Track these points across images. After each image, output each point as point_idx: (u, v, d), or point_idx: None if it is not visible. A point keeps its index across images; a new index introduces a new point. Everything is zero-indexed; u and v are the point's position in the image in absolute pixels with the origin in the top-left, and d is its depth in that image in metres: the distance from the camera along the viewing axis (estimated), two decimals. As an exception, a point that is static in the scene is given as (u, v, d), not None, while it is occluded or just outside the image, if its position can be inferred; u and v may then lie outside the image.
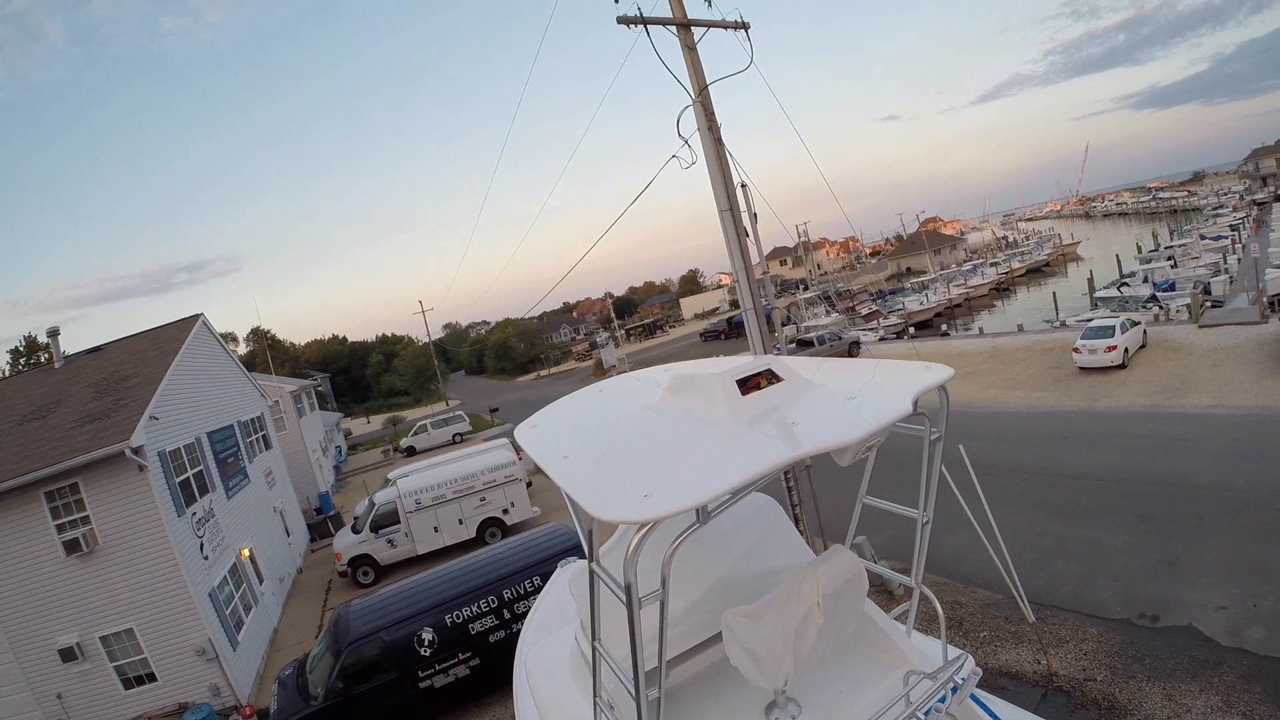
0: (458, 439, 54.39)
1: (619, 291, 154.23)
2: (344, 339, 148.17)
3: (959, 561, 15.06)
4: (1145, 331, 34.14)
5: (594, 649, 5.18)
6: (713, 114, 15.13)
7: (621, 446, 5.31)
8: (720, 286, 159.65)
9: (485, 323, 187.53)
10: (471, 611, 13.36)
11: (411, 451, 53.59)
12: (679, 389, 5.62)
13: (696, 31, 15.29)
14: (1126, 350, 31.25)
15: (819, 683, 5.75)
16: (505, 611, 13.50)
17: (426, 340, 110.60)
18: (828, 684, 5.76)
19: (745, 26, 15.79)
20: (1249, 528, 14.67)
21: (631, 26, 14.29)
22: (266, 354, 71.60)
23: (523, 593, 13.62)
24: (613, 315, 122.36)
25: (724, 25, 15.65)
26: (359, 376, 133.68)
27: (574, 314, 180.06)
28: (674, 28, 15.02)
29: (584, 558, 11.75)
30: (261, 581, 21.99)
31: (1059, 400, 28.69)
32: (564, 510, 25.81)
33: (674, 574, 4.41)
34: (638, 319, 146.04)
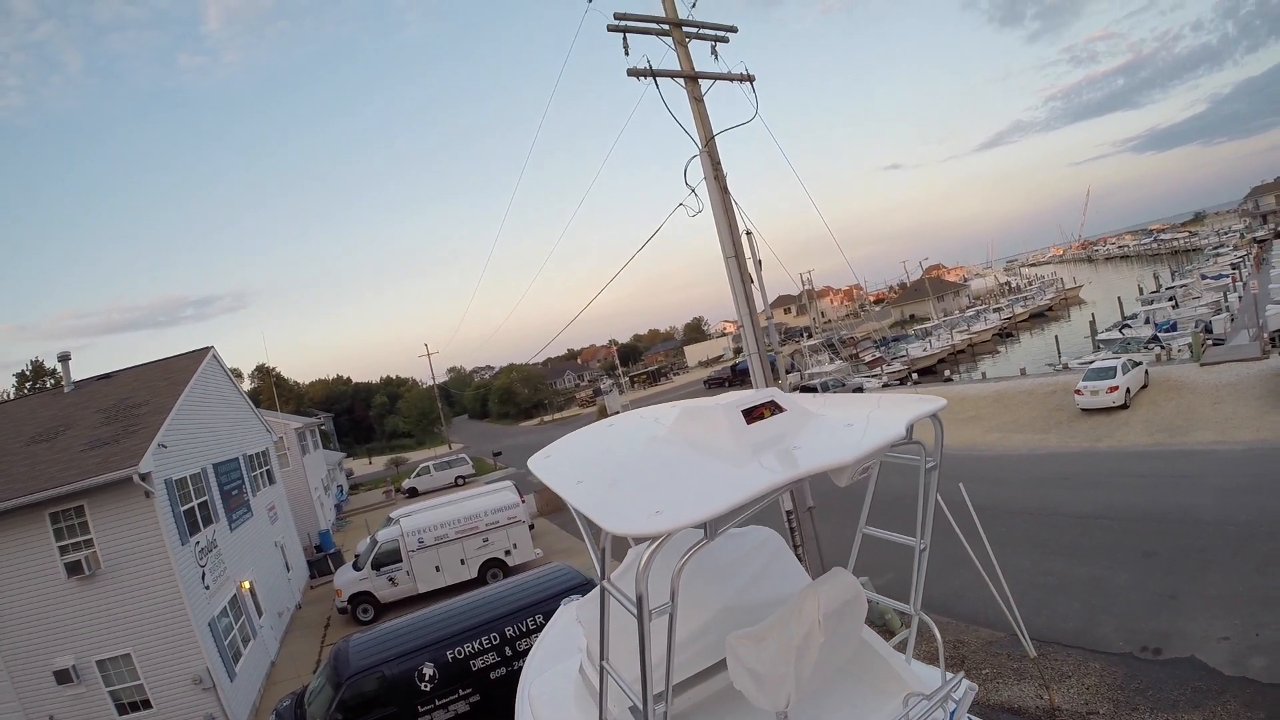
0: (460, 482, 54.63)
1: (623, 338, 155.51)
2: (348, 379, 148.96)
3: (961, 601, 15.11)
4: (1147, 372, 34.37)
5: (601, 668, 5.35)
6: (719, 163, 15.63)
7: (632, 472, 5.69)
8: (725, 334, 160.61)
9: (489, 367, 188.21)
10: (473, 648, 13.41)
11: (414, 493, 53.85)
12: (687, 420, 6.04)
13: (703, 84, 15.88)
14: (1128, 390, 31.45)
15: (821, 708, 5.93)
16: (507, 649, 13.55)
17: (431, 383, 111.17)
18: (830, 710, 5.94)
19: (750, 79, 16.36)
20: (1251, 560, 14.77)
21: (641, 79, 14.85)
22: (273, 391, 71.87)
23: (525, 630, 13.67)
24: (617, 362, 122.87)
25: (730, 78, 16.23)
26: (362, 417, 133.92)
27: (578, 360, 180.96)
28: (682, 80, 15.59)
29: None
30: (261, 614, 22.03)
31: (1062, 442, 28.80)
32: (567, 553, 25.86)
33: (681, 602, 4.68)
34: (642, 366, 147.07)
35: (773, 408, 5.59)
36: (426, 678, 13.08)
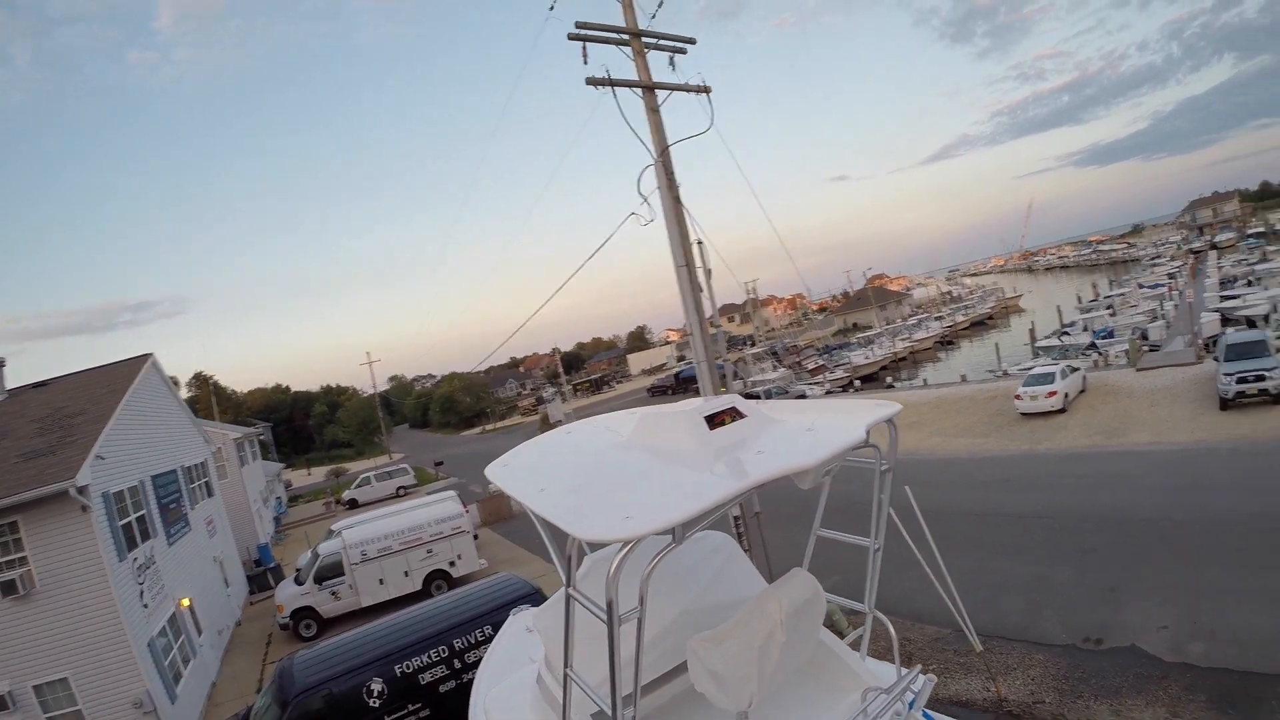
0: (402, 492, 54.09)
1: (566, 347, 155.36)
2: (287, 388, 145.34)
3: (907, 601, 15.37)
4: (1085, 377, 35.41)
5: (566, 676, 5.34)
6: (673, 173, 15.78)
7: (596, 478, 5.73)
8: (668, 343, 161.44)
9: (430, 376, 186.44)
10: (422, 662, 13.24)
11: (354, 504, 53.02)
12: (648, 427, 6.10)
13: (660, 94, 16.03)
14: (1067, 395, 32.33)
15: (780, 708, 6.03)
16: (456, 661, 13.40)
17: (372, 392, 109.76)
18: (789, 709, 6.05)
19: (707, 90, 16.55)
20: (1187, 554, 15.33)
21: (599, 88, 14.97)
22: (211, 399, 70.26)
23: (473, 642, 13.54)
24: (560, 370, 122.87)
25: (687, 89, 16.40)
26: (301, 426, 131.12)
27: (520, 369, 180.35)
28: (639, 90, 15.73)
29: (536, 606, 11.95)
30: (200, 633, 21.43)
31: (1002, 445, 29.47)
32: (511, 562, 25.71)
33: (591, 611, 4.78)
34: (585, 374, 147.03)
35: (734, 413, 5.70)
36: (375, 694, 12.89)
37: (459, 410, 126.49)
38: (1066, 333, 57.54)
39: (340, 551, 23.93)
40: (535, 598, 14.03)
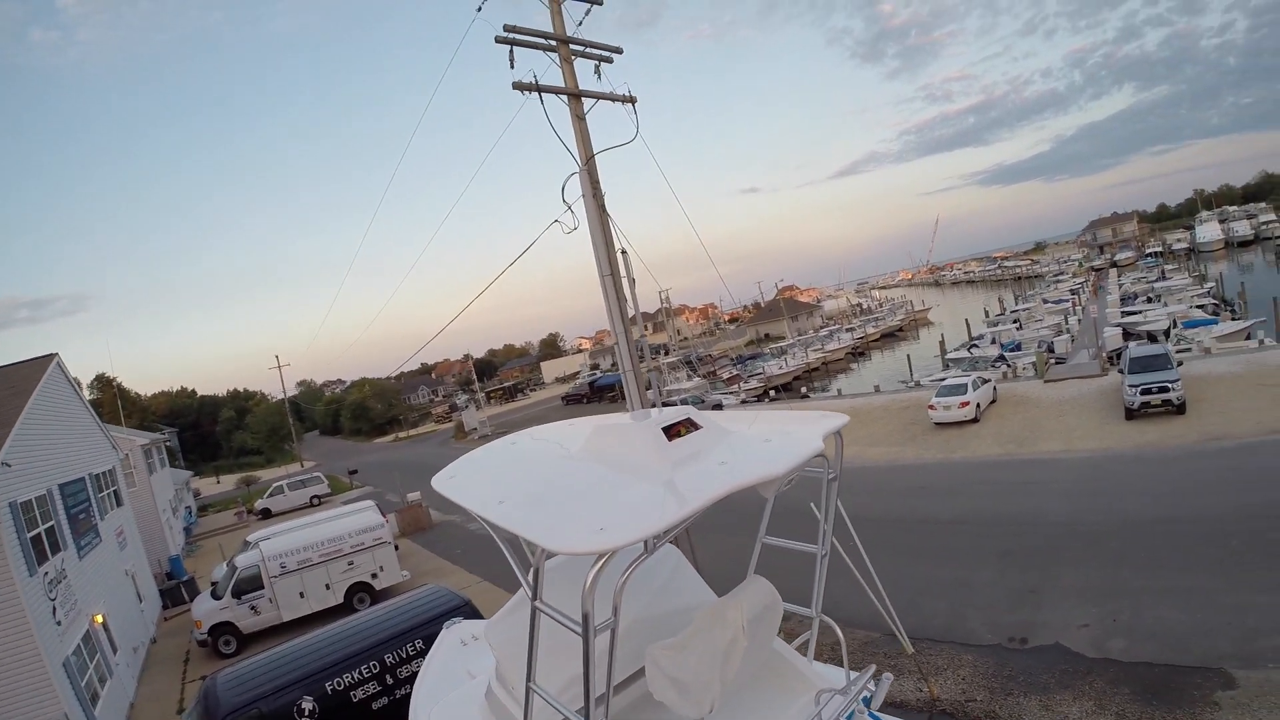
0: (316, 502, 53.03)
1: (478, 353, 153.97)
2: (193, 392, 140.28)
3: (836, 607, 15.50)
4: (995, 388, 36.75)
5: (529, 689, 5.31)
6: (598, 182, 15.89)
7: (557, 490, 5.71)
8: (580, 351, 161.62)
9: (341, 381, 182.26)
10: (353, 678, 12.93)
11: (267, 514, 51.89)
12: (604, 438, 6.13)
13: (586, 103, 16.12)
14: (979, 406, 33.51)
15: (735, 713, 6.12)
16: (388, 677, 13.15)
17: (282, 397, 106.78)
18: (744, 714, 6.14)
19: (633, 100, 16.74)
20: (1101, 556, 16.12)
21: (526, 93, 14.98)
22: (117, 403, 67.19)
23: (405, 656, 13.31)
24: (474, 377, 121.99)
25: (613, 98, 16.55)
26: (209, 433, 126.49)
27: (433, 375, 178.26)
28: (565, 97, 15.79)
29: (469, 618, 11.80)
30: (115, 651, 20.44)
31: (918, 454, 30.38)
32: (435, 574, 25.34)
33: (597, 616, 4.77)
34: (498, 382, 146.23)
35: (690, 425, 5.81)
36: (305, 713, 12.55)
37: (371, 417, 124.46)
38: (976, 345, 59.58)
39: (258, 564, 23.24)
40: (466, 610, 13.89)
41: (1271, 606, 12.57)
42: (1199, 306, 55.04)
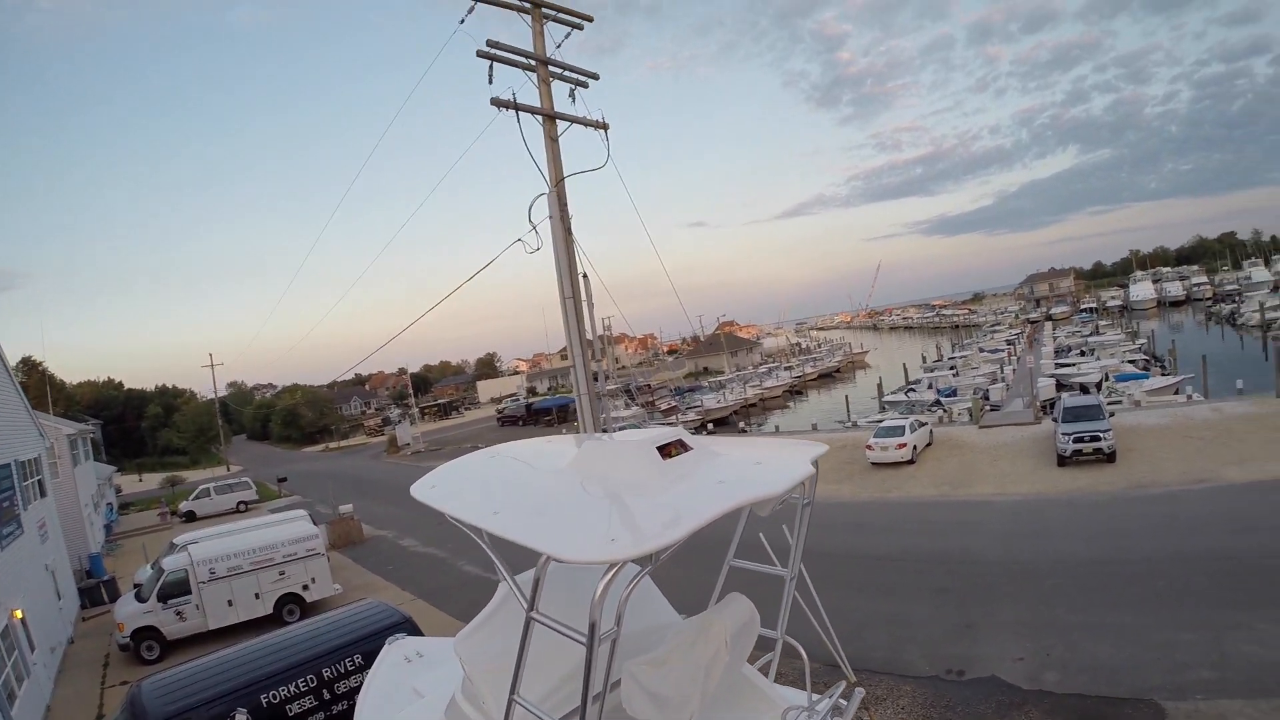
0: (243, 508, 52.06)
1: (413, 367, 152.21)
2: (120, 384, 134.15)
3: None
4: (931, 432, 37.75)
5: (511, 703, 5.36)
6: (565, 204, 16.18)
7: (556, 503, 5.84)
8: (517, 373, 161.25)
9: (272, 386, 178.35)
10: (289, 691, 12.67)
11: (191, 517, 50.68)
12: (596, 454, 6.32)
13: (559, 125, 16.44)
14: (915, 448, 34.38)
15: None
16: (325, 692, 12.94)
17: (213, 397, 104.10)
18: None
19: (605, 127, 17.15)
20: (1035, 593, 16.79)
21: (503, 110, 15.24)
22: (45, 389, 64.77)
23: (344, 671, 13.13)
24: (411, 391, 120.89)
25: (587, 122, 16.95)
26: (133, 428, 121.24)
27: (366, 387, 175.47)
28: (540, 118, 16.10)
29: (411, 635, 11.79)
30: (33, 650, 19.65)
31: (855, 492, 31.02)
32: (367, 588, 25.05)
33: (554, 644, 5.10)
34: (432, 398, 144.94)
35: (681, 445, 6.03)
36: None
37: (301, 425, 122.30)
38: (913, 390, 60.98)
39: (187, 568, 22.61)
40: (408, 627, 13.75)
41: (1198, 643, 13.28)
42: (1131, 361, 57.53)
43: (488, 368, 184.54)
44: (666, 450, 5.89)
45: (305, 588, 23.78)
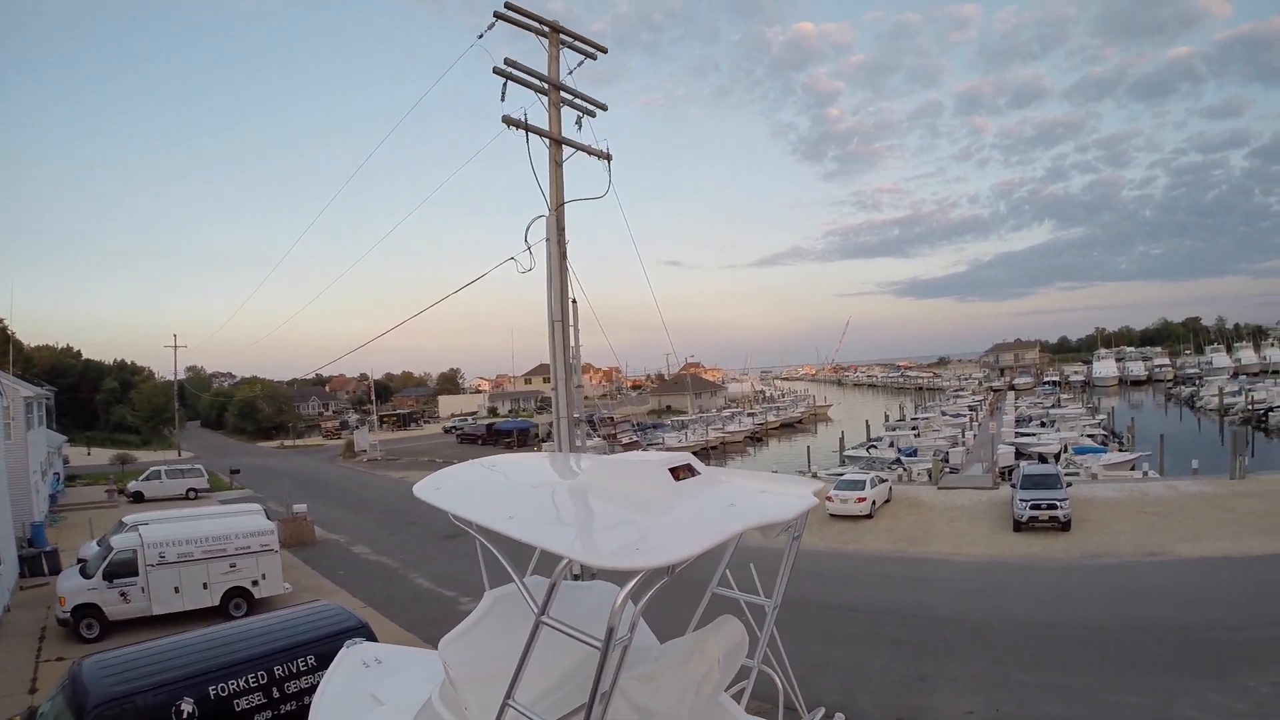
0: (193, 495, 51.32)
1: (375, 374, 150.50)
2: (78, 353, 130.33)
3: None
4: (891, 488, 38.25)
5: (505, 707, 5.44)
6: (563, 229, 16.51)
7: (569, 512, 6.14)
8: (479, 391, 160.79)
9: (230, 375, 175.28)
10: (238, 686, 12.55)
11: (139, 498, 49.76)
12: (608, 471, 6.61)
13: (565, 151, 16.82)
14: (874, 503, 34.83)
15: None
16: (275, 690, 12.83)
17: (171, 379, 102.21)
18: None
19: (609, 158, 17.55)
20: (987, 650, 17.18)
21: (514, 129, 15.56)
22: (9, 349, 63.18)
23: (296, 671, 13.02)
24: (373, 398, 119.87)
25: (592, 151, 17.38)
26: (88, 400, 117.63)
27: (326, 388, 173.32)
28: (547, 141, 16.45)
29: (370, 640, 11.77)
30: None
31: (812, 542, 31.26)
32: (316, 590, 24.80)
33: (548, 648, 5.33)
34: (391, 407, 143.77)
35: (689, 470, 6.30)
36: (185, 715, 12.13)
37: (258, 418, 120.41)
38: (874, 446, 61.72)
39: (136, 549, 22.17)
40: (365, 632, 13.68)
41: (1146, 707, 13.74)
42: (1090, 435, 58.70)
43: (449, 383, 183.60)
44: (677, 472, 6.11)
45: (255, 583, 23.39)
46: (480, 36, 15.95)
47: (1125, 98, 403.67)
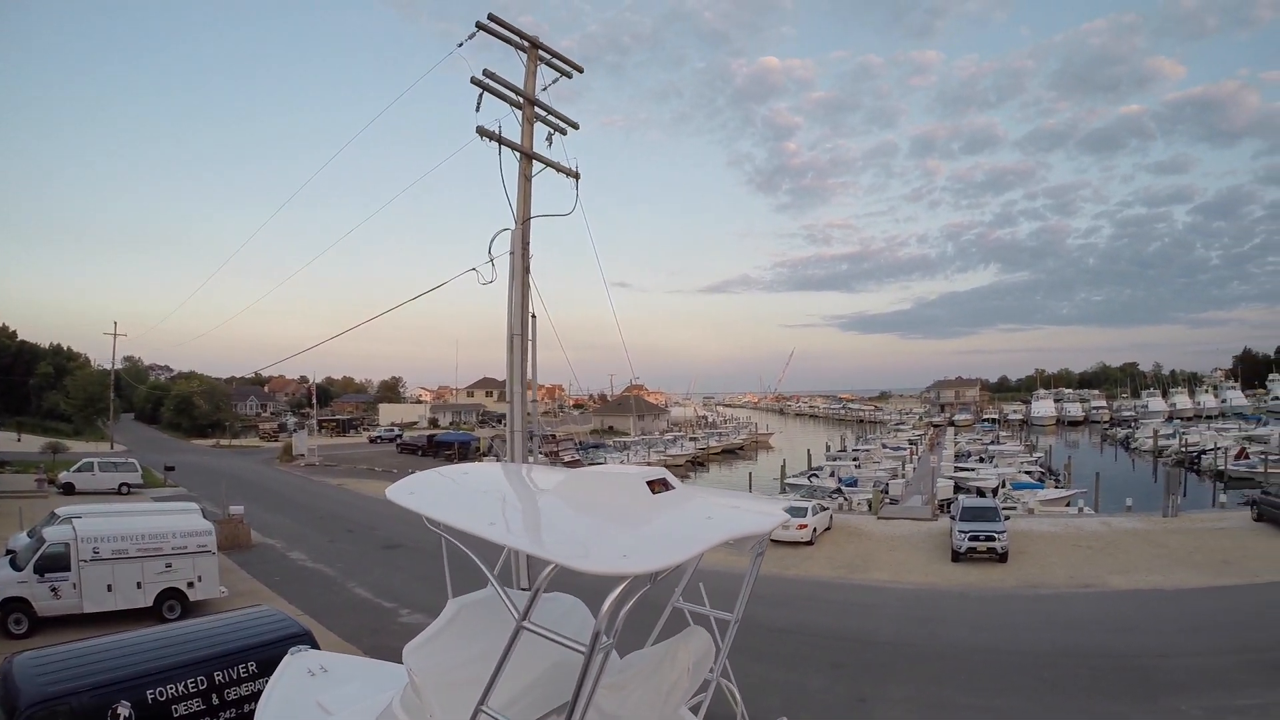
0: (125, 490, 50.06)
1: (317, 377, 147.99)
2: (13, 333, 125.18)
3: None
4: (832, 516, 38.84)
5: (478, 713, 5.47)
6: (528, 243, 16.73)
7: (551, 520, 6.29)
8: (421, 401, 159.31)
9: (167, 368, 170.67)
10: (176, 691, 12.31)
11: (70, 489, 48.26)
12: (585, 483, 6.79)
13: (534, 166, 17.07)
14: (815, 530, 35.29)
15: None
16: (215, 696, 12.64)
17: (110, 368, 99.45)
18: None
19: (577, 176, 17.83)
20: (926, 674, 17.67)
21: (487, 140, 15.77)
22: None
23: (237, 678, 12.81)
24: (314, 402, 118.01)
25: (560, 168, 17.66)
26: (20, 383, 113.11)
27: (265, 388, 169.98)
28: (519, 155, 16.70)
29: (313, 648, 11.73)
30: None
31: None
32: (252, 595, 24.42)
33: (518, 657, 5.41)
34: (331, 412, 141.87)
35: (665, 484, 6.48)
36: (121, 718, 11.98)
37: (194, 415, 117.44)
38: (815, 475, 62.51)
39: (69, 543, 21.41)
40: (308, 640, 13.55)
41: (1080, 729, 14.23)
42: (1027, 472, 60.24)
43: (391, 391, 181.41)
44: (654, 486, 6.30)
45: (190, 585, 22.77)
46: (460, 45, 16.18)
47: (1075, 150, 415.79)
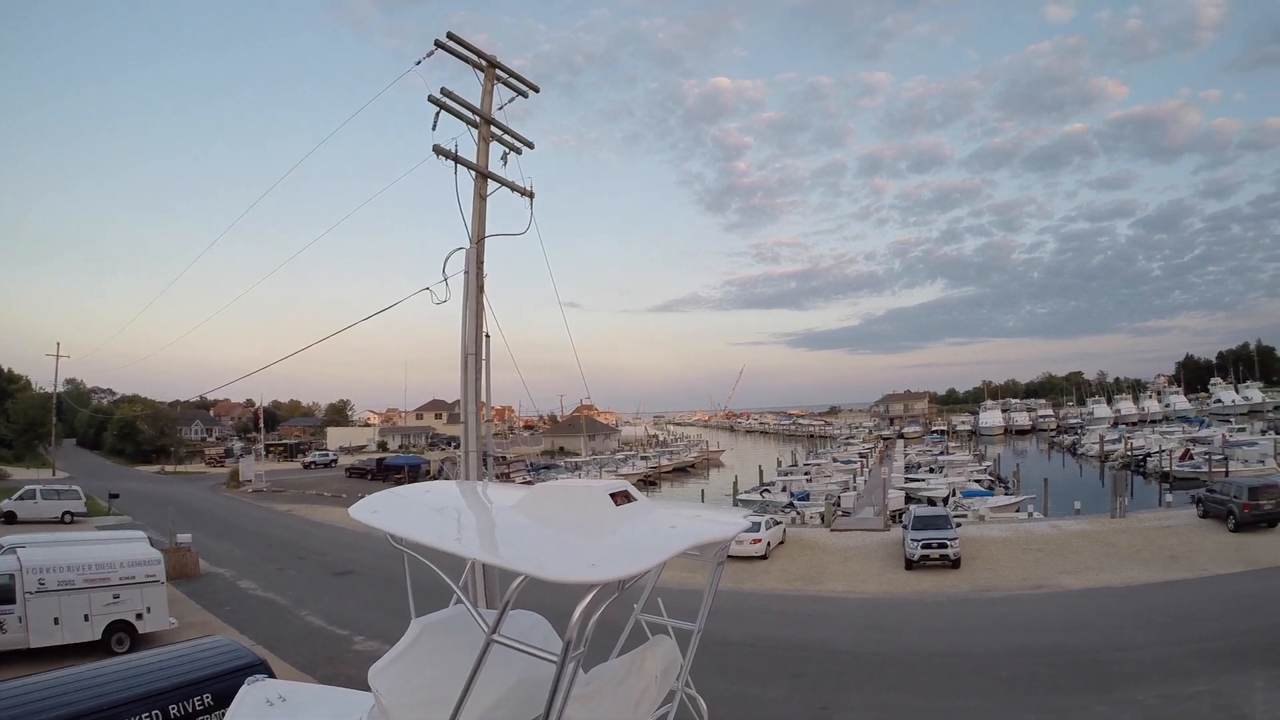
0: (69, 518, 48.55)
1: (263, 401, 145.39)
2: None
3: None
4: (785, 530, 39.27)
5: None
6: (483, 262, 16.83)
7: (516, 533, 6.31)
8: (369, 425, 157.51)
9: (110, 391, 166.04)
10: None
11: (11, 518, 46.66)
12: (547, 497, 6.83)
13: (490, 186, 17.19)
14: (769, 544, 35.70)
15: None
16: None
17: (54, 391, 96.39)
18: None
19: (531, 195, 17.97)
20: (884, 681, 17.97)
21: (442, 159, 15.87)
22: None
23: (192, 711, 12.58)
24: (262, 426, 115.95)
25: (515, 188, 17.82)
26: None
27: (211, 412, 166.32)
28: (474, 174, 16.80)
29: (270, 677, 11.64)
30: None
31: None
32: (204, 625, 23.96)
33: (485, 673, 5.43)
34: (278, 436, 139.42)
35: (626, 496, 6.55)
36: None
37: (138, 440, 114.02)
38: (767, 490, 62.90)
39: (14, 574, 20.62)
40: (263, 668, 13.38)
41: (1039, 724, 14.61)
42: (976, 480, 61.34)
43: (338, 414, 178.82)
44: (616, 498, 6.37)
45: (139, 616, 22.08)
46: (418, 63, 16.27)
47: (1020, 167, 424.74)
